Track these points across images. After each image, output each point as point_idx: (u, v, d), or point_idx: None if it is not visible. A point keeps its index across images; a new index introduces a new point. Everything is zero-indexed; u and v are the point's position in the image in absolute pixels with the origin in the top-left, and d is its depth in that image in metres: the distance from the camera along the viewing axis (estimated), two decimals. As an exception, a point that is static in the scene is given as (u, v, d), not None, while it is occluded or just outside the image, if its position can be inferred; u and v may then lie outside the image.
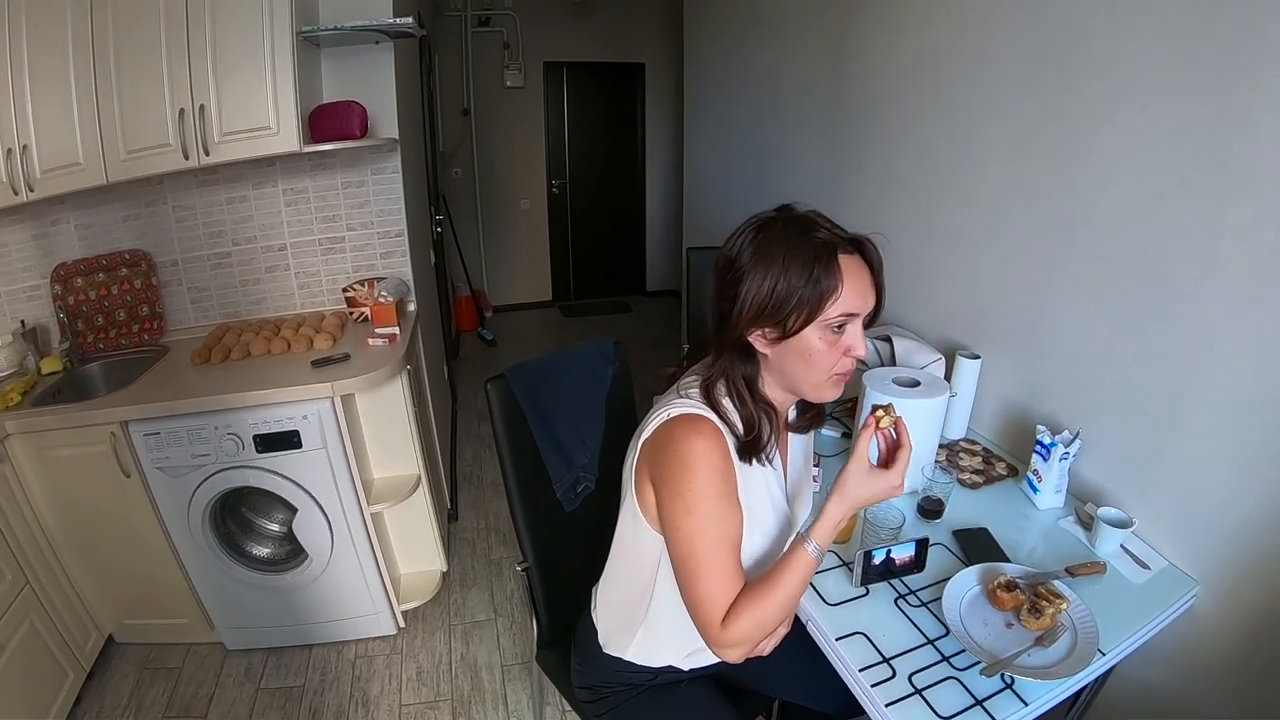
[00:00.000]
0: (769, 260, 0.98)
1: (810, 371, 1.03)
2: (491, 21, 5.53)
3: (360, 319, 2.62)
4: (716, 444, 1.02)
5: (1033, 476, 1.59)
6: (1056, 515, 1.56)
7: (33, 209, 2.44)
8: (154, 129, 2.15)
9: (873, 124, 2.28)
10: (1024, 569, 1.31)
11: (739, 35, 3.31)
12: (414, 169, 3.15)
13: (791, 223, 1.02)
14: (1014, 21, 1.66)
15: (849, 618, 1.27)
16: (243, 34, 2.09)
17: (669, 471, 1.04)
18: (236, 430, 2.10)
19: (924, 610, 1.29)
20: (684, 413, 1.05)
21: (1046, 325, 1.67)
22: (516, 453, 1.51)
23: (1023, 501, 1.61)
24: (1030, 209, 1.67)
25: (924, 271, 2.09)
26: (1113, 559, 1.39)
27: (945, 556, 1.43)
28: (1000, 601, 1.23)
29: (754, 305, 0.99)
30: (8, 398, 2.12)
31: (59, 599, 2.18)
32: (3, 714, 1.87)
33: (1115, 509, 1.43)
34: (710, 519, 1.02)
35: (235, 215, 2.66)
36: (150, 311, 2.67)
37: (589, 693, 1.36)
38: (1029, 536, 1.50)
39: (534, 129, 5.97)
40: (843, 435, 1.92)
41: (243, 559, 2.31)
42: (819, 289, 0.97)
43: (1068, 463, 1.53)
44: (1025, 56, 1.64)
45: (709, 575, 1.03)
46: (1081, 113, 1.50)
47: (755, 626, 1.03)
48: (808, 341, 1.00)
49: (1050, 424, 1.60)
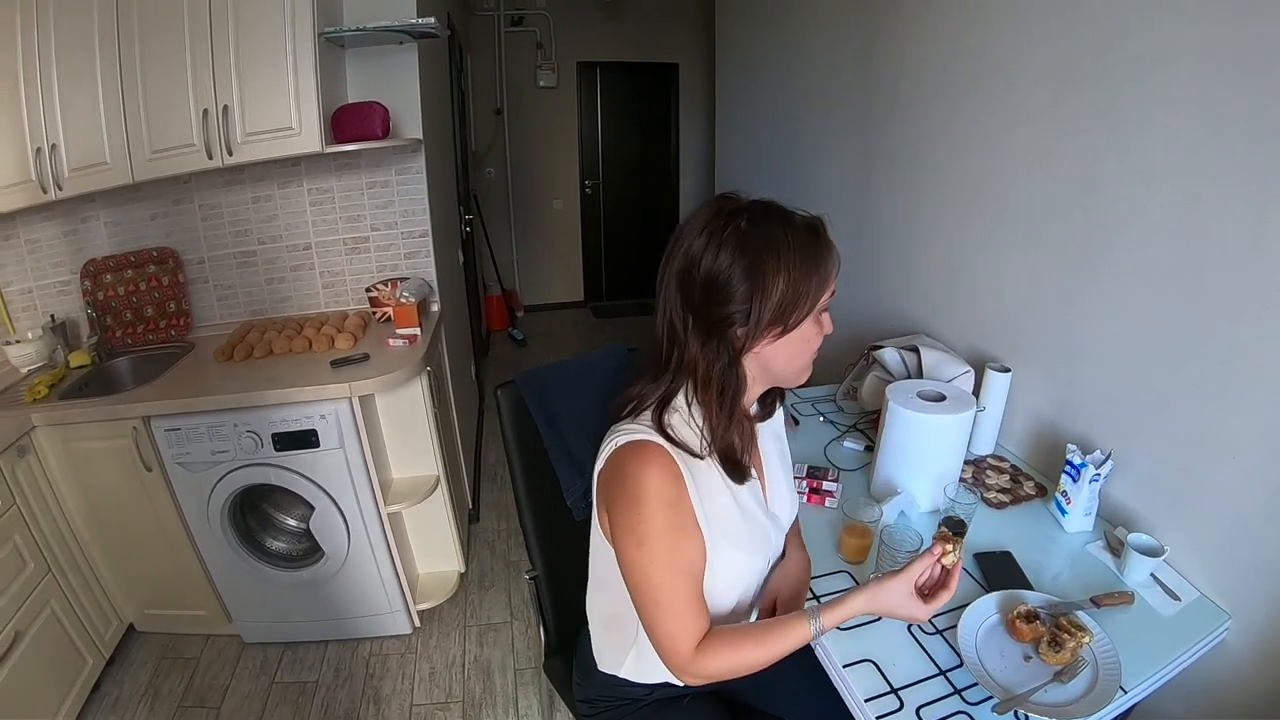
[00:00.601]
0: (775, 260, 0.93)
1: (799, 359, 1.02)
2: (524, 21, 5.53)
3: (383, 319, 2.62)
4: (666, 472, 0.98)
5: (1061, 498, 1.51)
6: (1085, 539, 1.48)
7: (64, 206, 2.51)
8: (178, 129, 2.18)
9: (902, 126, 2.22)
10: (1046, 598, 1.25)
11: (769, 40, 3.27)
12: (440, 169, 3.16)
13: (762, 215, 0.97)
14: (1046, 22, 1.60)
15: (858, 643, 1.21)
16: (265, 35, 2.10)
17: (619, 505, 1.00)
18: (255, 428, 2.11)
19: (938, 638, 1.23)
20: (630, 440, 1.00)
21: (1079, 338, 1.60)
22: (526, 460, 1.49)
23: (1050, 524, 1.54)
24: (1062, 215, 1.61)
25: (954, 279, 2.03)
26: (1142, 588, 1.32)
27: (964, 581, 1.36)
28: (1019, 633, 1.17)
29: (771, 311, 0.94)
30: (36, 390, 2.17)
31: (81, 588, 2.22)
32: (22, 697, 1.92)
33: (1146, 535, 1.37)
34: (662, 551, 0.98)
35: (261, 214, 2.69)
36: (177, 308, 2.71)
37: (588, 705, 1.34)
38: (1055, 561, 1.43)
39: (567, 129, 5.96)
40: (865, 448, 1.86)
41: (261, 554, 2.34)
42: (822, 273, 0.96)
43: (1098, 484, 1.45)
44: (1057, 57, 1.58)
45: (665, 607, 1.00)
46: (1115, 115, 1.43)
47: (727, 670, 1.01)
48: (804, 331, 0.98)
49: (1082, 443, 1.53)
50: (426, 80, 2.71)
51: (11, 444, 2.00)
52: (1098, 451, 1.46)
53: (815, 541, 1.47)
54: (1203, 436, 1.32)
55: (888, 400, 1.57)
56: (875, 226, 2.42)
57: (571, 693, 1.41)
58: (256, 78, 2.13)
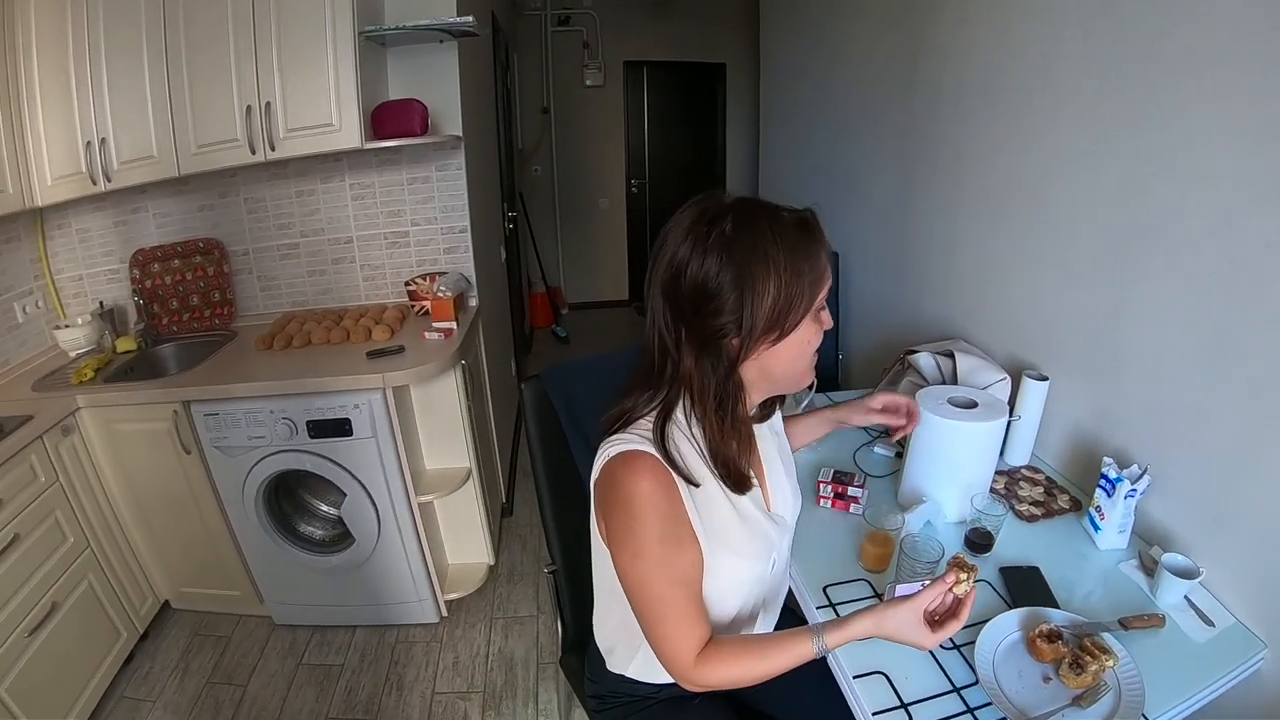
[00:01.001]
0: (764, 264, 0.89)
1: (800, 363, 0.99)
2: (571, 21, 5.55)
3: (422, 312, 2.65)
4: (659, 482, 0.95)
5: (1095, 513, 1.46)
6: (1118, 558, 1.42)
7: (114, 198, 2.61)
8: (223, 125, 2.24)
9: (943, 126, 2.17)
10: (1071, 617, 1.20)
11: (813, 39, 3.23)
12: (482, 166, 3.18)
13: (748, 217, 0.91)
14: (1088, 21, 1.54)
15: (871, 654, 1.17)
16: (306, 34, 2.15)
17: (612, 516, 0.99)
18: (291, 415, 2.16)
19: (955, 654, 1.19)
20: (622, 451, 0.97)
21: (1118, 346, 1.54)
22: (549, 454, 1.49)
23: (1083, 540, 1.48)
24: (1103, 219, 1.55)
25: (991, 283, 1.98)
26: (1174, 612, 1.27)
27: (988, 595, 1.32)
28: (1040, 652, 1.13)
29: (764, 318, 0.91)
30: (82, 373, 2.26)
31: (119, 564, 2.31)
32: (56, 665, 2.00)
33: (1181, 556, 1.31)
34: (658, 563, 0.96)
35: (304, 208, 2.75)
36: (222, 298, 2.79)
37: (598, 702, 1.34)
38: (1085, 579, 1.38)
39: (613, 128, 5.96)
40: (896, 454, 1.82)
41: (294, 538, 2.39)
42: (815, 273, 0.92)
43: (1134, 500, 1.40)
44: (1098, 57, 1.52)
45: (664, 618, 0.99)
46: (1162, 112, 1.37)
47: (728, 681, 1.00)
48: (802, 333, 0.95)
49: (1119, 456, 1.47)
50: (467, 78, 2.74)
51: (56, 423, 2.08)
52: (1134, 466, 1.40)
53: (837, 548, 1.46)
54: (1245, 454, 1.25)
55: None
56: (916, 228, 2.38)
57: (584, 688, 1.41)
58: (298, 75, 2.18)
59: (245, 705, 2.21)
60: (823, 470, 1.60)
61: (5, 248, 2.51)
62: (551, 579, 1.56)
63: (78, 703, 2.07)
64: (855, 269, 2.84)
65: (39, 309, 2.65)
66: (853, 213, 2.82)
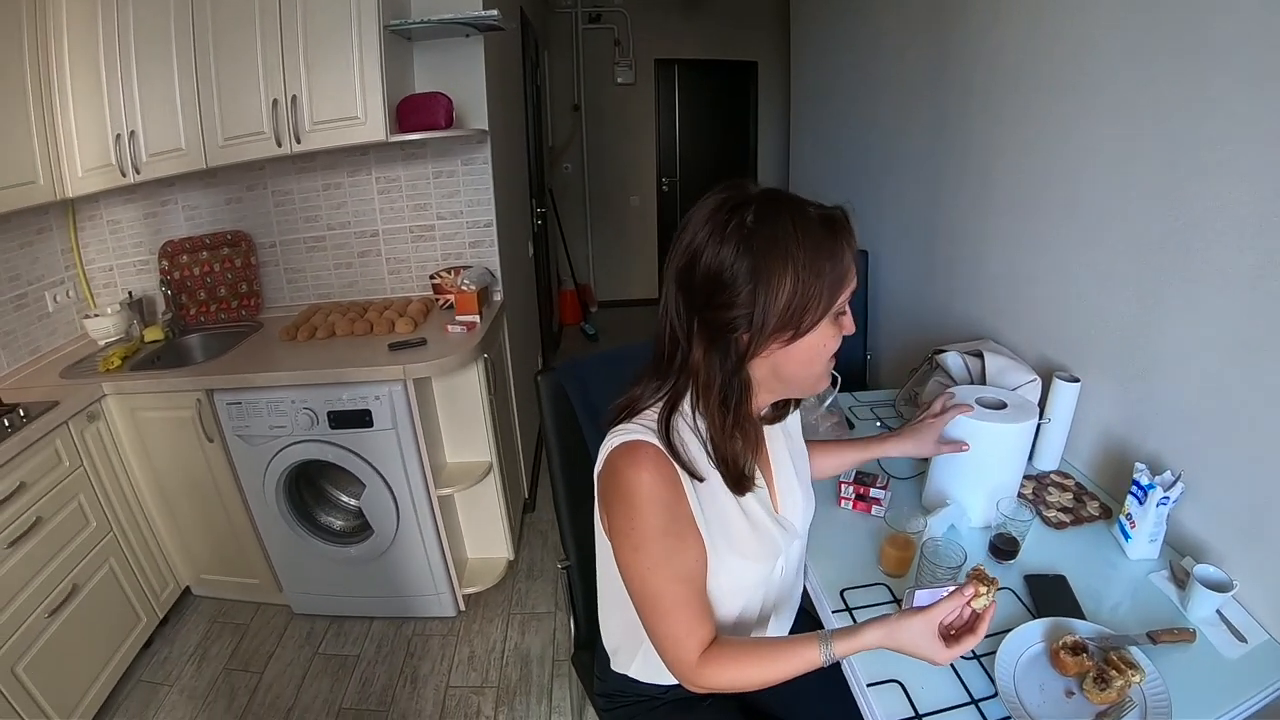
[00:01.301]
0: (782, 259, 0.85)
1: (815, 366, 0.94)
2: (602, 18, 5.56)
3: (446, 305, 2.66)
4: (660, 474, 0.92)
5: (1125, 521, 1.40)
6: (1148, 568, 1.37)
7: (144, 190, 2.66)
8: (249, 118, 2.26)
9: (975, 122, 2.13)
10: (1098, 629, 1.15)
11: (844, 36, 3.20)
12: (508, 161, 3.19)
13: (770, 208, 0.88)
14: (1123, 11, 1.49)
15: (887, 662, 1.12)
16: (332, 27, 2.16)
17: (614, 509, 0.96)
18: (312, 405, 2.18)
19: (974, 664, 1.15)
20: (624, 441, 0.94)
21: (1153, 348, 1.49)
22: (564, 448, 1.48)
23: (1112, 548, 1.43)
24: (1138, 215, 1.50)
25: (1022, 283, 1.93)
26: (1205, 626, 1.21)
27: (1011, 604, 1.28)
28: (1063, 665, 1.08)
29: (775, 315, 0.87)
30: (109, 361, 2.30)
31: (140, 549, 2.35)
32: (75, 646, 2.04)
33: (1214, 568, 1.25)
34: (658, 557, 0.94)
35: (330, 201, 2.77)
36: (249, 289, 2.82)
37: (606, 700, 1.32)
38: (1113, 590, 1.33)
39: (644, 126, 5.95)
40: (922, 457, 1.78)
41: (313, 528, 2.41)
42: (837, 274, 0.87)
43: (1166, 509, 1.34)
44: (1134, 45, 1.47)
45: (664, 614, 0.96)
46: (1198, 107, 1.32)
47: (730, 685, 0.97)
48: (820, 336, 0.91)
49: (1152, 462, 1.42)
50: (494, 73, 2.74)
51: (82, 409, 2.12)
52: (1168, 473, 1.35)
53: (857, 550, 1.42)
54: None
55: (945, 405, 1.50)
56: (946, 226, 2.33)
57: (593, 686, 1.39)
58: (324, 68, 2.20)
59: (260, 692, 2.23)
60: (844, 472, 1.57)
61: (37, 238, 2.56)
62: (565, 575, 1.55)
63: (94, 684, 2.10)
64: (884, 267, 2.80)
65: (69, 298, 2.70)
66: (882, 211, 2.78)
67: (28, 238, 2.52)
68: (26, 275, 2.50)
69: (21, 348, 2.45)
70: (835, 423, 1.82)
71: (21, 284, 2.48)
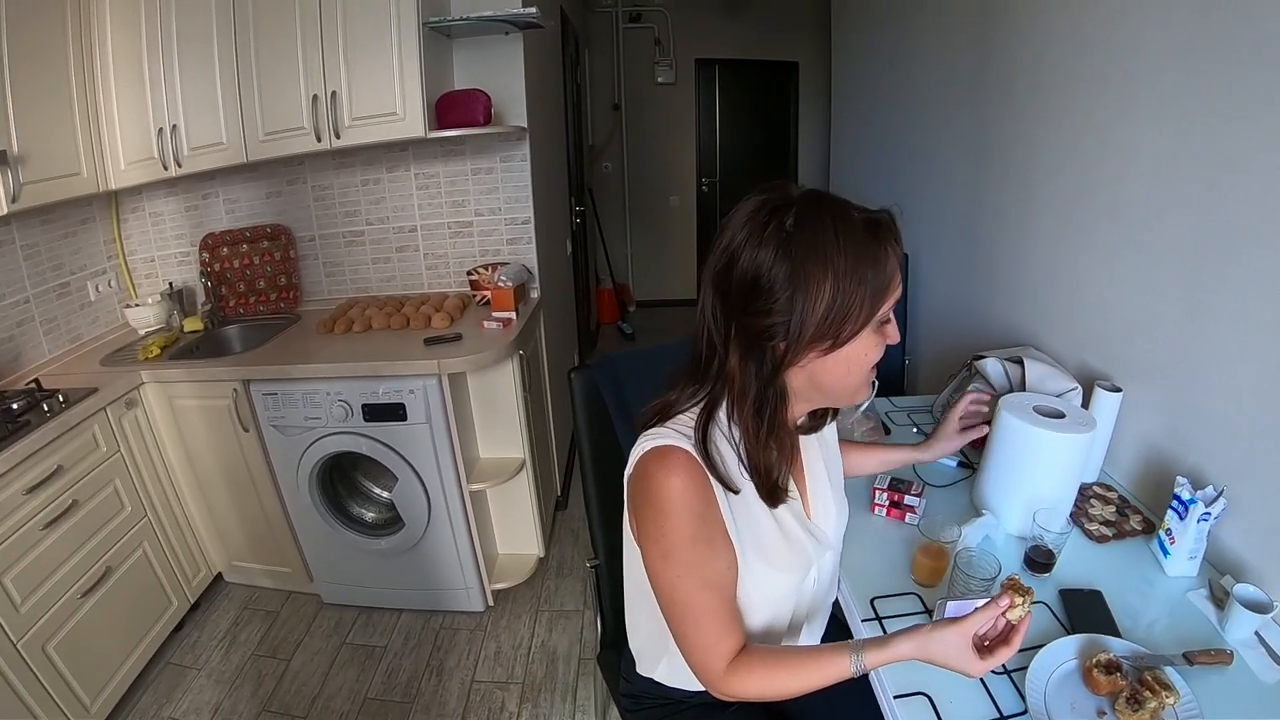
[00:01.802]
0: (822, 265, 0.81)
1: (854, 376, 0.91)
2: (642, 18, 5.56)
3: (483, 301, 2.66)
4: (691, 480, 0.90)
5: (1165, 536, 1.36)
6: (1186, 586, 1.33)
7: (185, 183, 2.72)
8: (290, 113, 2.30)
9: (1016, 124, 2.09)
10: (1133, 647, 1.12)
11: (885, 36, 3.18)
12: (547, 159, 3.20)
13: (812, 211, 0.84)
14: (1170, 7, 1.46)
15: (916, 674, 1.10)
16: (372, 25, 2.19)
17: (643, 514, 0.94)
18: (346, 398, 2.20)
19: (1005, 679, 1.11)
20: (657, 445, 0.92)
21: (1197, 358, 1.44)
22: (596, 447, 1.48)
23: (1150, 564, 1.39)
24: (1184, 220, 1.45)
25: (1065, 289, 1.89)
26: (1243, 648, 1.17)
27: (1045, 619, 1.25)
28: (1096, 684, 1.05)
29: (813, 323, 0.83)
30: (149, 350, 2.35)
31: (174, 534, 2.40)
32: (106, 628, 2.09)
33: (1254, 588, 1.21)
34: (688, 565, 0.92)
35: (369, 196, 2.80)
36: (288, 282, 2.85)
37: (631, 701, 1.32)
38: (1150, 607, 1.29)
39: (684, 126, 5.93)
40: (959, 464, 1.75)
41: (345, 519, 2.43)
42: (880, 282, 0.84)
43: (1207, 525, 1.30)
44: (1181, 44, 1.43)
45: (694, 622, 0.95)
46: (1247, 107, 1.28)
47: (758, 694, 0.95)
48: (861, 346, 0.88)
49: (1193, 476, 1.37)
50: (533, 71, 2.75)
51: (121, 396, 2.17)
52: (1209, 488, 1.31)
53: (890, 558, 1.40)
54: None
55: (1000, 411, 1.46)
56: (987, 230, 2.30)
57: (618, 686, 1.39)
58: (363, 65, 2.22)
59: (287, 680, 2.26)
60: (879, 477, 1.54)
61: (81, 229, 2.62)
62: (593, 573, 1.55)
63: (124, 665, 2.15)
64: (925, 271, 2.76)
65: (111, 288, 2.76)
66: (923, 214, 2.75)
67: (71, 228, 2.58)
68: (69, 265, 2.57)
69: (63, 335, 2.51)
70: (871, 427, 1.80)
71: (64, 273, 2.54)
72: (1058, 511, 1.37)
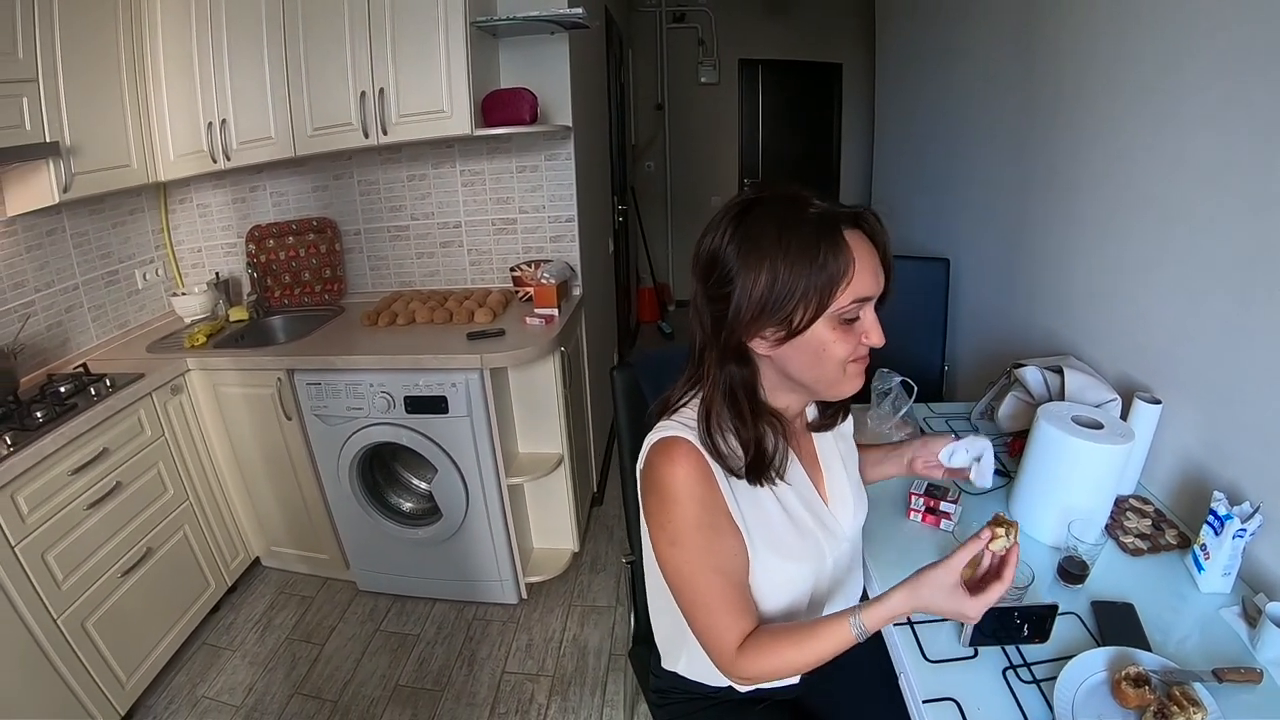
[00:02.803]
0: (761, 249, 0.87)
1: (823, 369, 0.93)
2: (686, 18, 5.56)
3: (525, 298, 2.68)
4: (694, 469, 0.94)
5: (1200, 551, 1.34)
6: (1219, 602, 1.31)
7: (233, 176, 2.79)
8: (338, 109, 2.34)
9: (1062, 131, 2.08)
10: (1163, 662, 1.11)
11: (929, 39, 3.16)
12: (591, 157, 3.22)
13: (777, 202, 0.90)
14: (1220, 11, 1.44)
15: (945, 679, 1.12)
16: (420, 23, 2.21)
17: (650, 503, 0.98)
18: (389, 389, 2.24)
19: (1034, 688, 1.11)
20: (660, 438, 0.97)
21: (1239, 372, 1.42)
22: (636, 443, 1.45)
23: (1184, 579, 1.37)
24: (1231, 232, 1.43)
25: (1105, 299, 1.88)
26: (1274, 668, 1.15)
27: (1076, 630, 1.24)
28: (1124, 697, 1.04)
29: (752, 304, 0.88)
30: (195, 338, 2.41)
31: (214, 518, 2.46)
32: (144, 607, 2.16)
33: (1288, 607, 1.21)
34: (695, 551, 0.96)
35: (415, 192, 2.84)
36: (332, 274, 2.91)
37: (660, 696, 1.34)
38: (1181, 623, 1.27)
39: (727, 126, 5.92)
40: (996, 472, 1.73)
41: (383, 508, 2.48)
42: (826, 274, 0.86)
43: (1243, 541, 1.28)
44: (1232, 53, 1.41)
45: (704, 607, 0.98)
46: None
47: (769, 672, 0.97)
48: (818, 337, 0.90)
49: (1230, 491, 1.36)
50: (578, 70, 2.77)
51: (166, 382, 2.24)
52: (1246, 503, 1.29)
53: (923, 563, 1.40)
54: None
55: (1038, 420, 1.46)
56: (1030, 238, 2.28)
57: (648, 681, 1.41)
58: (411, 63, 2.25)
59: (320, 664, 2.31)
60: (915, 482, 1.54)
61: (129, 219, 2.70)
62: (629, 568, 1.57)
63: (160, 644, 2.21)
64: (965, 276, 2.74)
65: (159, 277, 2.84)
66: (965, 219, 2.73)
67: (120, 218, 2.66)
68: (118, 253, 2.65)
69: (110, 322, 2.59)
70: (909, 434, 1.80)
71: (112, 261, 2.62)
72: (1093, 522, 1.36)
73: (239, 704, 2.17)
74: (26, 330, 2.23)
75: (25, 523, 1.77)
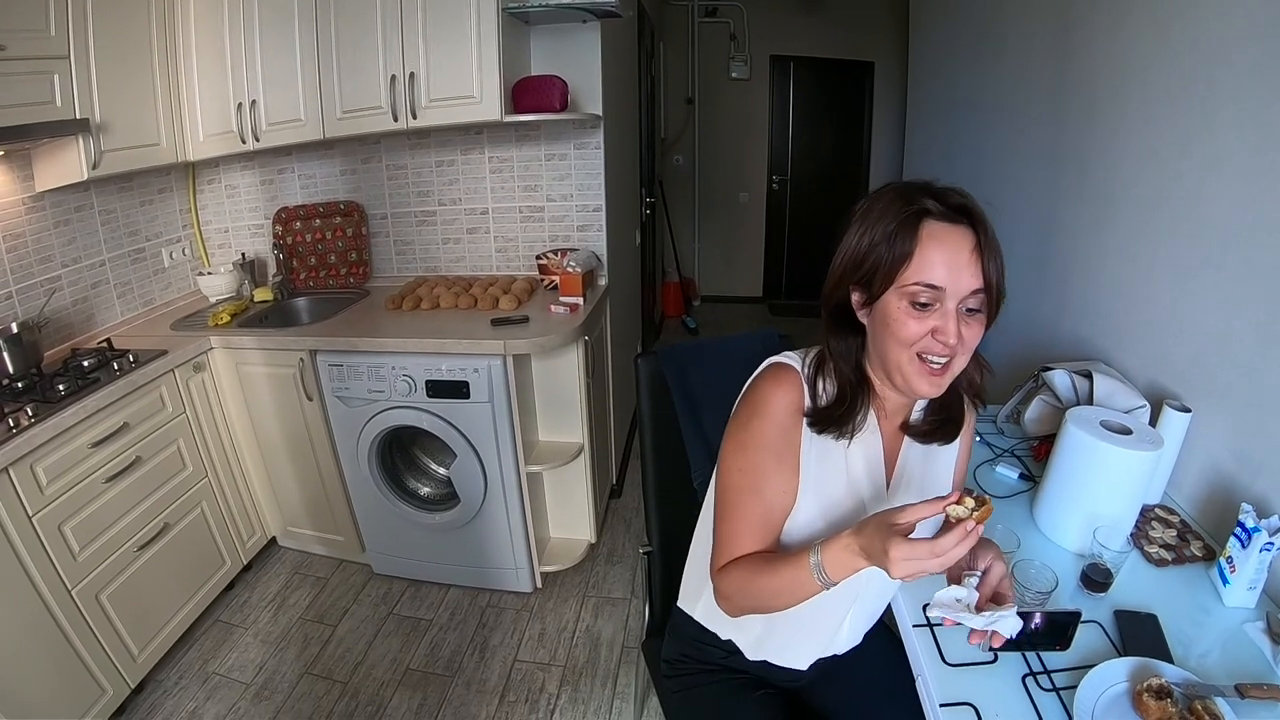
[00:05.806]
0: (864, 217, 0.97)
1: (892, 343, 0.95)
2: (718, 13, 5.53)
3: (550, 286, 2.67)
4: (791, 399, 1.02)
5: (1225, 564, 1.31)
6: (1243, 617, 1.28)
7: (262, 158, 2.80)
8: (368, 92, 2.34)
9: (1095, 133, 2.04)
10: (1185, 675, 1.09)
11: (962, 38, 3.12)
12: (620, 148, 3.21)
13: (905, 187, 0.98)
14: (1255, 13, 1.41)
15: (963, 683, 1.11)
16: (451, 8, 2.21)
17: (741, 410, 1.06)
18: (411, 373, 2.24)
19: (1053, 696, 1.10)
20: (774, 361, 1.06)
21: (1271, 381, 1.39)
22: (658, 434, 1.48)
23: (1208, 592, 1.34)
24: (1266, 239, 1.40)
25: (1137, 304, 1.85)
26: None
27: (1098, 639, 1.22)
28: (1145, 709, 1.02)
29: (844, 260, 0.99)
30: (219, 317, 2.43)
31: (232, 496, 2.48)
32: (159, 581, 2.18)
33: (1313, 624, 1.18)
34: (751, 465, 1.02)
35: (443, 178, 2.84)
36: (358, 258, 2.92)
37: (669, 666, 1.35)
38: (1205, 636, 1.25)
39: (757, 123, 5.87)
40: (1020, 476, 1.72)
41: (401, 492, 2.48)
42: (894, 252, 0.93)
43: (1270, 555, 1.25)
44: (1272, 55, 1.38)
45: (731, 515, 1.04)
46: None
47: (739, 594, 1.03)
48: (889, 308, 0.95)
49: (1259, 504, 1.33)
50: (609, 60, 2.76)
51: (189, 360, 2.26)
52: (1275, 517, 1.27)
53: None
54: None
55: (1066, 424, 1.44)
56: (1060, 240, 2.25)
57: (660, 669, 1.41)
58: (442, 47, 2.25)
59: (332, 645, 2.32)
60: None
61: (158, 197, 2.73)
62: (645, 560, 1.56)
63: (174, 619, 2.23)
64: (994, 278, 2.72)
65: (185, 256, 2.87)
66: (995, 220, 2.67)
67: (149, 196, 2.68)
68: (145, 231, 2.67)
69: (136, 299, 2.62)
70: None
71: (139, 239, 2.65)
72: (1118, 530, 1.34)
73: (249, 681, 2.18)
74: (52, 305, 2.26)
75: (44, 494, 1.78)
